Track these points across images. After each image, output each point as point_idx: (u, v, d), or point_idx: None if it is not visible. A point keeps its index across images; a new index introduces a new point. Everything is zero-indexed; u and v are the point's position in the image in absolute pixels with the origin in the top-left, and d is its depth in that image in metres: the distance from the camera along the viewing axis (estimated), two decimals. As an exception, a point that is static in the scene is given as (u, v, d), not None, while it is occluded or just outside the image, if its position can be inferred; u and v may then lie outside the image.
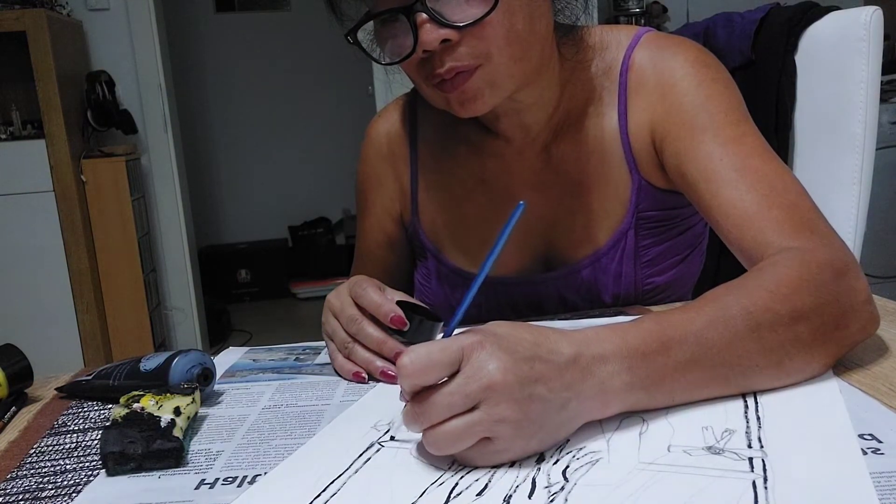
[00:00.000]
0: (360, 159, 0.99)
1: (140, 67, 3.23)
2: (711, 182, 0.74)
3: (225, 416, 0.64)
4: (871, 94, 1.02)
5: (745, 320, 0.55)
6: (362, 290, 0.69)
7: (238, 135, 4.76)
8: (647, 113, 0.82)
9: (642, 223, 0.86)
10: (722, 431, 0.51)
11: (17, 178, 2.87)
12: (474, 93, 0.73)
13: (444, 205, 0.93)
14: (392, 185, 0.97)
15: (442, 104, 0.77)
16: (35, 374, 0.73)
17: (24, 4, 2.83)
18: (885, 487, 0.43)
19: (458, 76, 0.72)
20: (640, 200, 0.85)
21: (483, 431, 0.47)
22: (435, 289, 0.95)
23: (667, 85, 0.81)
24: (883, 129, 2.65)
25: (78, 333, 2.98)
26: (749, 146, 0.75)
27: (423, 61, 0.73)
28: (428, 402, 0.48)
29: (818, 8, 1.14)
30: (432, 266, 0.95)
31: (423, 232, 0.95)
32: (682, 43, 0.84)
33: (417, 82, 0.78)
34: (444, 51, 0.71)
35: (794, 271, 0.59)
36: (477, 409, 0.47)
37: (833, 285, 0.59)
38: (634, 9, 3.43)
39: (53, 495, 0.52)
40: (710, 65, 0.82)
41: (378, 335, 0.68)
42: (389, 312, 0.67)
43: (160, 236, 3.36)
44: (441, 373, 0.48)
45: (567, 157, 0.86)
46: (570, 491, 0.46)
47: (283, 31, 4.69)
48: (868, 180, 1.04)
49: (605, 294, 0.88)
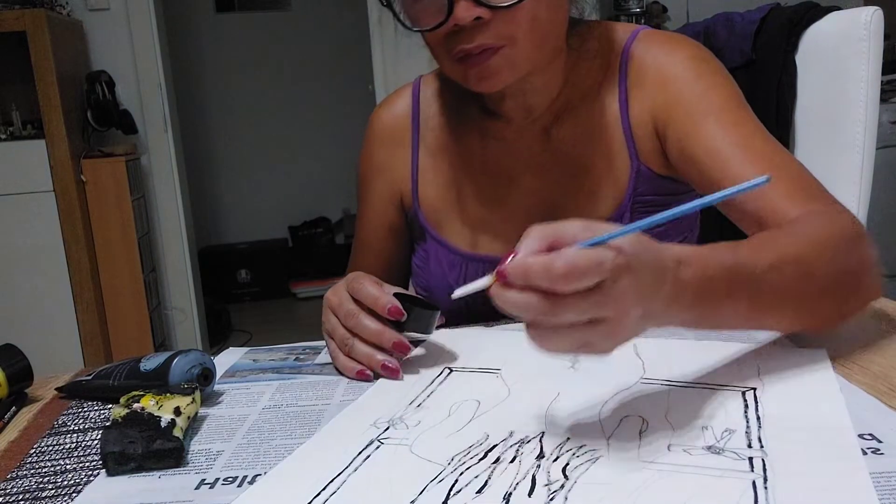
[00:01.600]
0: (362, 147, 1.01)
1: (140, 67, 3.23)
2: (718, 160, 0.78)
3: (225, 416, 0.64)
4: (871, 94, 1.02)
5: (798, 268, 0.60)
6: (359, 284, 0.71)
7: (238, 135, 4.76)
8: (648, 102, 0.86)
9: (639, 206, 0.88)
10: (722, 431, 0.51)
11: (17, 178, 2.87)
12: (494, 70, 0.78)
13: (444, 185, 0.95)
14: (393, 171, 0.98)
15: (459, 76, 0.81)
16: (35, 374, 0.73)
17: (24, 4, 2.83)
18: (885, 487, 0.43)
19: (483, 53, 0.77)
20: (639, 184, 0.88)
21: (584, 348, 0.49)
22: (433, 269, 0.96)
23: (668, 76, 0.85)
24: (883, 128, 2.65)
25: (78, 333, 2.98)
26: (750, 129, 0.80)
27: (452, 34, 0.77)
28: (561, 303, 0.46)
29: (818, 8, 1.14)
30: (431, 247, 0.96)
31: (422, 213, 0.96)
32: (680, 39, 0.89)
33: (438, 52, 0.82)
34: (475, 27, 0.75)
35: (830, 230, 0.66)
36: (596, 323, 0.47)
37: (854, 247, 0.66)
38: (634, 9, 3.43)
39: (53, 495, 0.52)
40: (708, 59, 0.87)
41: (376, 326, 0.69)
42: (387, 304, 0.68)
43: (160, 236, 3.36)
44: (586, 285, 0.46)
45: (567, 140, 0.90)
46: (570, 489, 0.46)
47: (283, 31, 4.69)
48: (868, 180, 1.04)
49: None
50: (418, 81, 1.00)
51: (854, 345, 0.66)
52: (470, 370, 0.68)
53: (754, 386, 0.58)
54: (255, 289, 4.61)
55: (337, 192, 4.71)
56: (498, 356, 0.70)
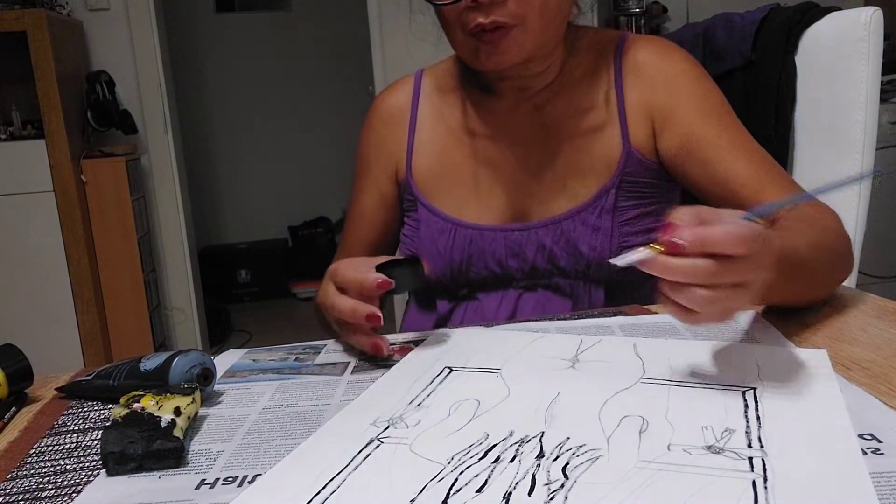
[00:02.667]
0: (364, 126, 1.07)
1: (140, 67, 3.23)
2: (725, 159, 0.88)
3: (225, 416, 0.64)
4: (871, 95, 1.02)
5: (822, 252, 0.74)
6: (340, 275, 0.75)
7: (238, 135, 4.76)
8: (647, 94, 0.93)
9: (625, 185, 0.93)
10: (722, 431, 0.51)
11: (17, 178, 2.87)
12: (504, 48, 0.85)
13: (436, 156, 1.01)
14: (391, 146, 1.04)
15: (469, 51, 0.88)
16: (35, 374, 0.73)
17: (24, 4, 2.83)
18: (885, 487, 0.43)
19: (496, 31, 0.84)
20: (628, 165, 0.93)
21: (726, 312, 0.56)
22: (422, 236, 0.99)
23: (669, 74, 0.93)
24: (883, 129, 2.65)
25: (78, 333, 2.98)
26: (742, 131, 0.91)
27: (469, 9, 0.84)
28: (726, 266, 0.53)
29: (818, 8, 1.14)
30: (422, 215, 1.00)
31: (414, 183, 1.01)
32: (669, 42, 0.97)
33: (452, 27, 0.87)
34: (492, 4, 0.82)
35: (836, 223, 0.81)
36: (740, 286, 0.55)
37: (845, 234, 0.81)
38: (634, 9, 3.43)
39: (53, 495, 0.52)
40: (699, 64, 0.95)
41: (348, 304, 0.72)
42: (373, 282, 0.71)
43: (160, 236, 3.36)
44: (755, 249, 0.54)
45: (558, 116, 0.96)
46: (570, 488, 0.46)
47: (283, 31, 4.69)
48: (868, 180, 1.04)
49: (582, 244, 0.93)
50: (420, 72, 1.06)
51: (854, 345, 0.66)
52: (470, 370, 0.68)
53: (754, 386, 0.58)
54: (255, 289, 4.61)
55: (337, 192, 4.71)
56: (498, 356, 0.70)
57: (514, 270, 0.95)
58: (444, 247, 0.96)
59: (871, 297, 0.80)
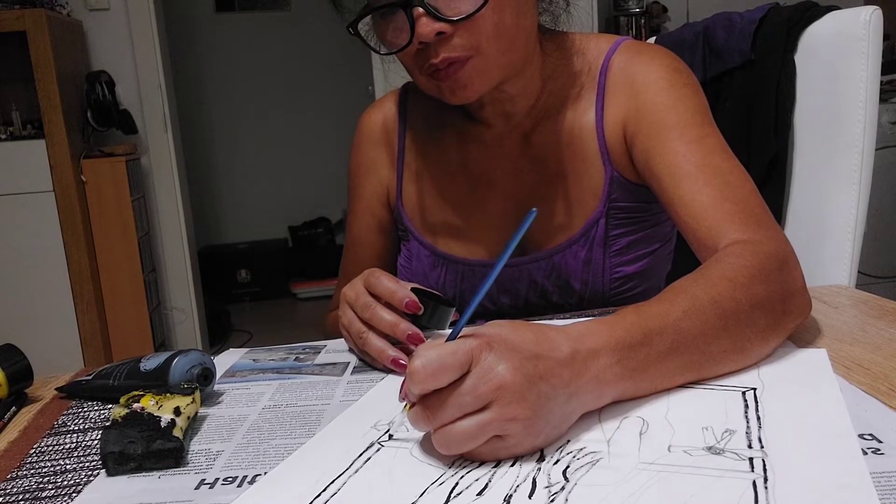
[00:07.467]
0: (352, 147, 1.04)
1: (140, 67, 3.23)
2: (674, 176, 0.80)
3: (225, 416, 0.64)
4: (870, 94, 1.02)
5: (714, 310, 0.59)
6: (376, 279, 0.72)
7: (238, 135, 4.76)
8: (621, 110, 0.87)
9: (614, 213, 0.89)
10: (722, 431, 0.51)
11: (17, 178, 2.87)
12: (465, 81, 0.79)
13: (426, 188, 0.97)
14: (381, 170, 1.00)
15: (434, 91, 0.83)
16: (35, 374, 0.73)
17: (24, 4, 2.83)
18: (885, 487, 0.43)
19: (450, 66, 0.78)
20: (613, 191, 0.89)
21: (495, 430, 0.48)
22: (415, 269, 0.98)
23: (640, 85, 0.86)
24: (883, 129, 2.65)
25: (78, 333, 2.98)
26: (710, 146, 0.81)
27: (419, 52, 0.79)
28: (439, 403, 0.49)
29: (818, 8, 1.14)
30: (413, 246, 0.98)
31: (405, 214, 0.98)
32: (657, 50, 0.90)
33: (412, 71, 0.83)
34: (439, 42, 0.77)
35: (748, 262, 0.65)
36: (488, 408, 0.48)
37: (778, 274, 0.65)
38: (634, 9, 3.43)
39: (53, 495, 0.52)
40: (682, 71, 0.87)
41: (391, 318, 0.70)
42: (404, 298, 0.70)
43: (160, 236, 3.36)
44: (452, 376, 0.48)
45: (545, 146, 0.91)
46: (571, 491, 0.46)
47: (283, 31, 4.69)
48: (868, 180, 1.04)
49: (574, 279, 0.91)
50: (405, 87, 1.02)
51: (854, 345, 0.66)
52: (470, 370, 0.68)
53: (754, 386, 0.58)
54: (255, 289, 4.61)
55: (337, 192, 4.71)
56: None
57: (506, 307, 0.94)
58: (435, 281, 0.95)
59: (871, 297, 0.80)
